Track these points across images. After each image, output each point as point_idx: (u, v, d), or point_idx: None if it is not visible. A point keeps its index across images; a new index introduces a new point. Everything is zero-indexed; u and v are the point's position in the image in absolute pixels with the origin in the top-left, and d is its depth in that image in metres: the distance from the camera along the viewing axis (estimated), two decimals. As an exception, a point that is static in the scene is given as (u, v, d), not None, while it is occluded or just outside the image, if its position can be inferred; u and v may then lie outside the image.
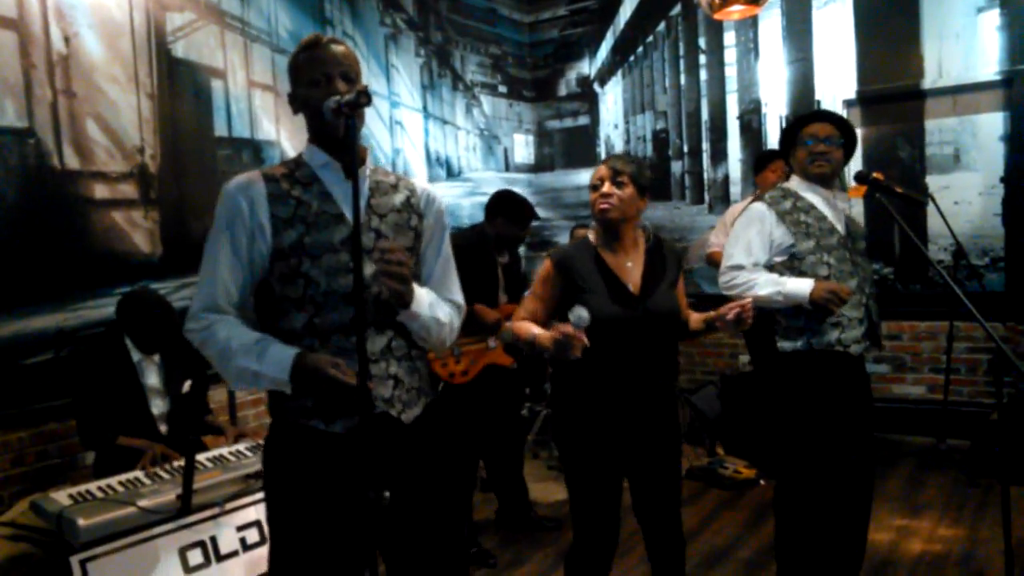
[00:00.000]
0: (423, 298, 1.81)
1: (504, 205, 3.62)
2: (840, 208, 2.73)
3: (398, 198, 1.88)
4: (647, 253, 2.42)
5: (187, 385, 3.18)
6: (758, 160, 4.56)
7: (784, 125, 2.89)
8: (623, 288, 2.32)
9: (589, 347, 2.09)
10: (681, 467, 2.47)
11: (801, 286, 2.55)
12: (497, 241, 3.63)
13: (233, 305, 1.75)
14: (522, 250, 6.44)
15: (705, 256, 4.91)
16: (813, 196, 2.68)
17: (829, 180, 2.71)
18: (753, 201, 2.80)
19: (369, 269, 1.76)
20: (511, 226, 3.60)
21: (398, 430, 1.80)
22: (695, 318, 2.43)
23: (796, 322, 2.60)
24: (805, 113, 2.80)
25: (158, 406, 3.19)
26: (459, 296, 2.01)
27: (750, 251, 2.64)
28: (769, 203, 2.68)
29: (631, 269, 2.37)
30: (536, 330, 2.27)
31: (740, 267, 2.64)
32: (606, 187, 2.34)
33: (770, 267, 2.66)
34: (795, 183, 2.74)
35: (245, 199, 1.74)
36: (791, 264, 2.62)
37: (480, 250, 3.59)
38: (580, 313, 2.07)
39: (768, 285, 2.57)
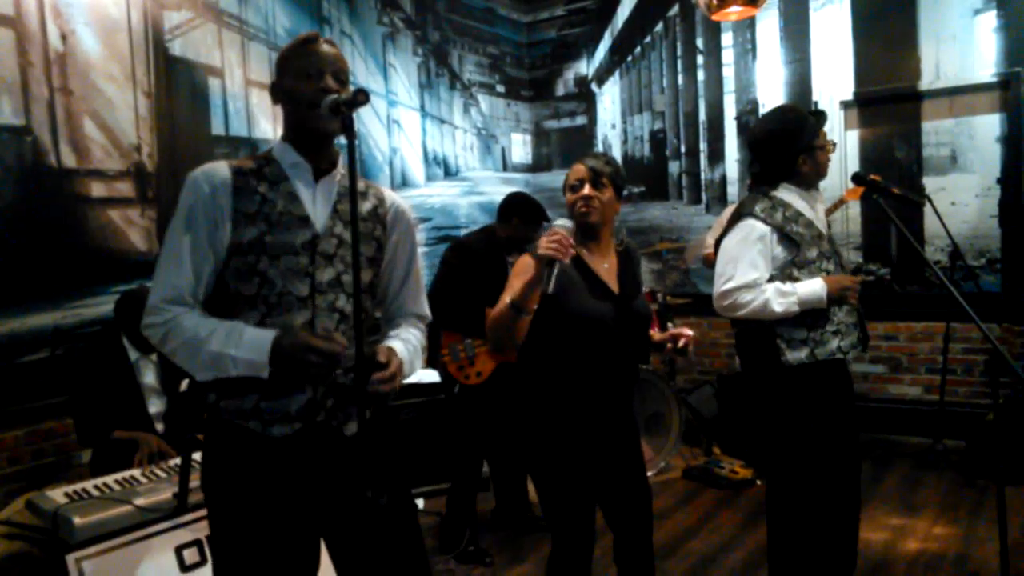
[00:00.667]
0: (407, 366, 1.81)
1: (520, 207, 3.64)
2: (819, 210, 2.69)
3: (365, 206, 1.85)
4: (619, 256, 2.39)
5: (184, 384, 3.18)
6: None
7: (799, 128, 2.71)
8: (604, 287, 2.28)
9: (567, 345, 2.06)
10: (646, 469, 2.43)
11: (813, 288, 2.50)
12: (508, 243, 3.64)
13: (197, 298, 1.69)
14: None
15: (702, 257, 4.91)
16: (799, 202, 2.63)
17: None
18: (741, 211, 2.66)
19: (327, 275, 1.74)
20: (525, 227, 3.62)
21: (338, 441, 1.76)
22: (656, 336, 2.38)
23: (799, 333, 2.55)
24: (813, 114, 2.72)
25: (155, 405, 3.19)
26: (425, 308, 2.00)
27: (755, 268, 2.54)
28: (764, 218, 2.57)
29: (607, 271, 2.34)
30: (507, 296, 2.17)
31: (743, 287, 2.53)
32: (587, 190, 2.28)
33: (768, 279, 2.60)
34: (783, 191, 2.65)
35: (209, 187, 1.68)
36: (790, 275, 2.57)
37: (490, 252, 3.61)
38: (564, 221, 2.09)
39: (781, 300, 2.50)
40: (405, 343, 1.86)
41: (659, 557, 3.54)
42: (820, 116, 2.70)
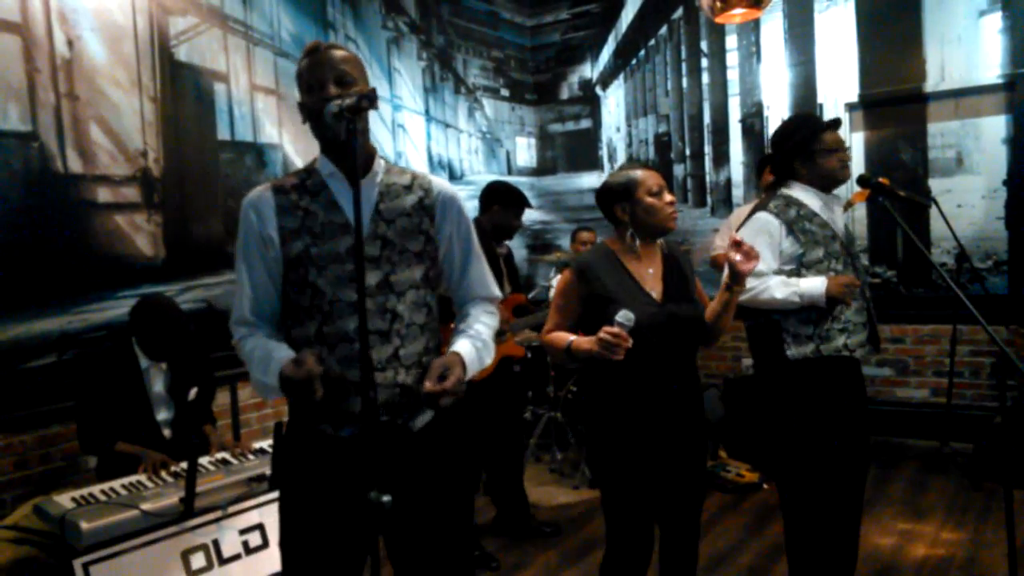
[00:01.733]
0: (471, 363, 1.84)
1: (497, 192, 3.69)
2: (837, 212, 2.72)
3: (410, 200, 1.86)
4: (664, 260, 2.41)
5: (193, 392, 3.18)
6: (761, 163, 4.56)
7: (792, 132, 2.77)
8: (647, 296, 2.30)
9: (627, 358, 2.09)
10: (706, 472, 2.45)
11: (815, 284, 2.54)
12: (494, 232, 3.66)
13: (263, 316, 1.81)
14: (523, 253, 6.48)
15: (709, 259, 4.91)
16: (814, 202, 2.66)
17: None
18: (757, 209, 2.73)
19: (374, 278, 1.77)
20: (506, 213, 3.65)
21: (405, 438, 1.80)
22: (709, 309, 2.38)
23: (806, 329, 2.58)
24: (823, 121, 2.71)
25: (163, 413, 3.19)
26: (494, 288, 2.02)
27: (761, 259, 2.54)
28: (776, 212, 2.63)
29: (652, 276, 2.35)
30: (571, 337, 2.26)
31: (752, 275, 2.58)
32: (670, 196, 2.33)
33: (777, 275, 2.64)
34: (796, 190, 2.69)
35: (255, 212, 1.78)
36: (798, 272, 2.61)
37: (481, 242, 3.62)
38: (626, 314, 2.08)
39: (783, 288, 2.55)
40: (473, 340, 1.89)
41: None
42: (831, 123, 2.70)
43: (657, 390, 2.29)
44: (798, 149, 2.69)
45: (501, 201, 3.65)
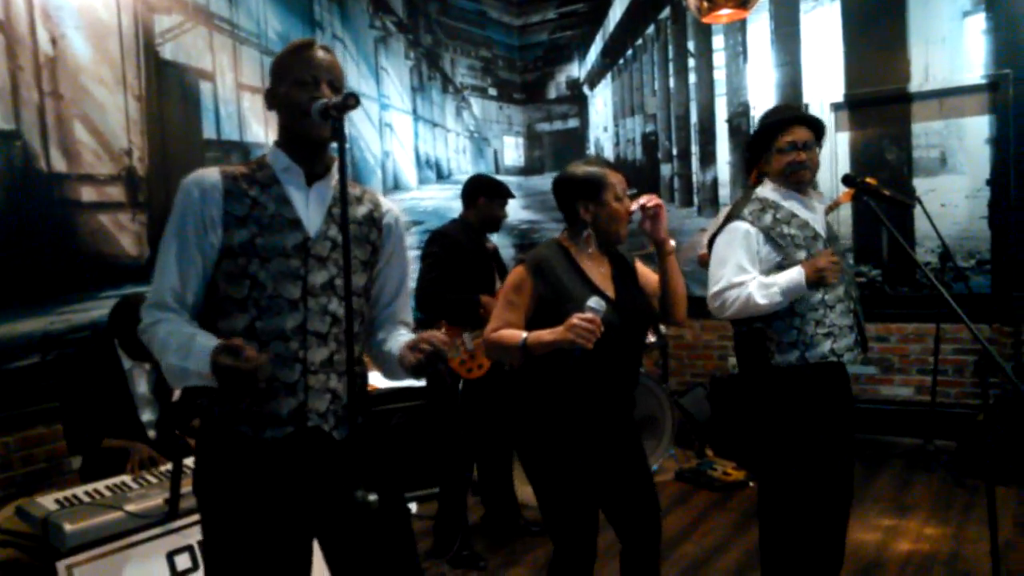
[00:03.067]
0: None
1: (482, 185, 3.72)
2: (818, 210, 2.67)
3: (361, 210, 1.85)
4: (611, 259, 2.40)
5: (178, 392, 3.17)
6: (749, 163, 4.57)
7: (756, 128, 2.75)
8: (602, 294, 2.26)
9: (565, 351, 2.08)
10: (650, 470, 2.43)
11: (792, 276, 2.48)
12: (482, 225, 3.68)
13: (183, 302, 1.70)
14: (511, 252, 6.48)
15: (697, 258, 4.92)
16: (791, 203, 2.61)
17: (808, 185, 2.66)
18: (731, 215, 2.65)
19: (319, 278, 1.73)
20: (492, 204, 3.68)
21: (329, 446, 1.75)
22: (658, 283, 2.39)
23: (789, 336, 2.54)
24: (778, 117, 2.67)
25: (147, 413, 3.17)
26: (410, 316, 2.01)
27: (741, 269, 2.54)
28: (751, 220, 2.57)
29: (603, 275, 2.34)
30: (524, 333, 2.17)
31: (731, 287, 2.53)
32: (629, 203, 2.32)
33: None
34: (769, 190, 2.64)
35: (199, 192, 1.69)
36: None
37: (469, 238, 3.64)
38: (599, 300, 2.07)
39: (764, 292, 2.49)
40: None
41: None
42: (785, 121, 2.63)
43: (609, 389, 2.27)
44: (756, 146, 2.67)
45: (486, 193, 3.67)
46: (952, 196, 4.98)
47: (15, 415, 3.29)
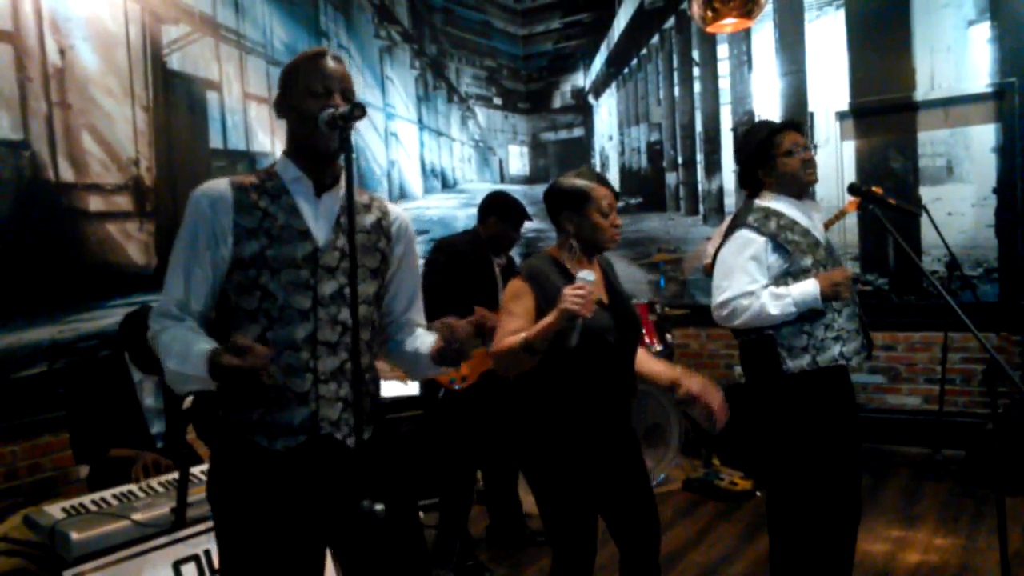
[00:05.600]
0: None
1: (495, 204, 3.66)
2: (815, 218, 2.68)
3: (369, 218, 1.85)
4: (600, 267, 2.43)
5: (188, 401, 3.16)
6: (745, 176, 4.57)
7: (748, 140, 2.75)
8: (599, 303, 2.27)
9: (568, 362, 2.08)
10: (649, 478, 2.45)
11: (806, 288, 2.48)
12: (491, 243, 3.64)
13: (190, 312, 1.70)
14: (516, 260, 6.48)
15: (702, 267, 4.92)
16: (791, 210, 2.62)
17: (807, 192, 2.68)
18: (735, 224, 2.65)
19: (329, 288, 1.74)
20: (503, 224, 3.62)
21: (342, 454, 1.76)
22: (646, 366, 2.46)
23: (799, 340, 2.54)
24: (777, 123, 2.69)
25: (156, 425, 3.17)
26: (423, 319, 2.01)
27: (750, 277, 2.53)
28: (757, 227, 2.57)
29: (596, 281, 2.34)
30: (521, 334, 2.13)
31: (739, 296, 2.52)
32: (617, 220, 2.33)
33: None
34: (770, 199, 2.64)
35: (209, 204, 1.70)
36: (785, 284, 2.56)
37: (475, 252, 3.60)
38: (588, 272, 2.08)
39: (777, 303, 2.49)
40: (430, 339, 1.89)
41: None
42: (784, 124, 2.66)
43: (608, 396, 2.27)
44: (757, 157, 2.65)
45: (498, 213, 3.62)
46: (959, 205, 4.97)
47: (22, 424, 3.29)
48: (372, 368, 1.88)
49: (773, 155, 2.62)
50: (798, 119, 2.74)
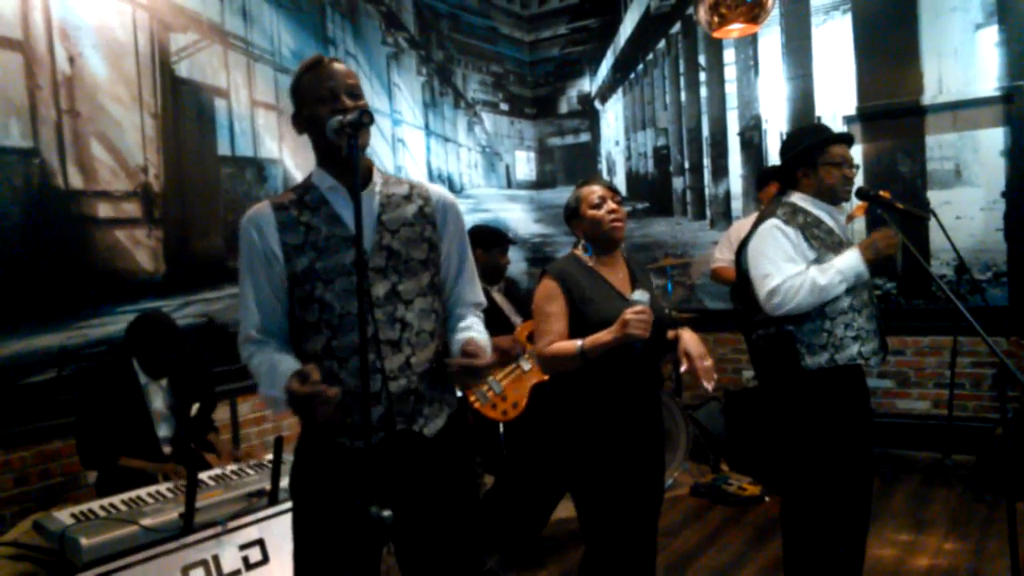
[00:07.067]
0: (486, 348, 1.84)
1: (476, 237, 3.64)
2: (840, 220, 2.71)
3: (411, 209, 1.87)
4: (628, 266, 2.51)
5: (195, 408, 3.18)
6: (762, 176, 4.57)
7: (800, 139, 2.76)
8: (623, 297, 2.36)
9: (601, 360, 2.14)
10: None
11: (849, 258, 2.49)
12: (484, 274, 3.64)
13: (270, 333, 1.80)
14: (523, 266, 6.49)
15: (710, 272, 4.91)
16: (819, 211, 2.65)
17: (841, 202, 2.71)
18: (762, 218, 2.68)
19: (382, 289, 1.77)
20: (489, 254, 3.69)
21: (421, 444, 1.81)
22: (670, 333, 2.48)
23: (818, 339, 2.54)
24: (834, 132, 2.71)
25: (164, 429, 3.18)
26: (480, 296, 2.03)
27: (791, 261, 2.53)
28: (785, 219, 2.60)
29: (622, 279, 2.44)
30: (579, 341, 2.24)
31: (787, 279, 2.49)
32: (613, 204, 2.39)
33: None
34: (798, 198, 2.67)
35: (255, 230, 1.78)
36: None
37: None
38: (643, 292, 2.18)
39: (823, 275, 2.47)
40: (479, 334, 1.90)
41: (668, 574, 3.52)
42: (842, 136, 2.69)
43: (638, 390, 2.33)
44: (803, 157, 2.67)
45: (482, 245, 3.65)
46: (967, 208, 4.95)
47: (32, 429, 3.30)
48: (442, 356, 1.88)
49: (820, 161, 2.64)
50: (851, 134, 2.75)
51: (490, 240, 3.69)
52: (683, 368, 2.38)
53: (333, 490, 1.78)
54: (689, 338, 2.41)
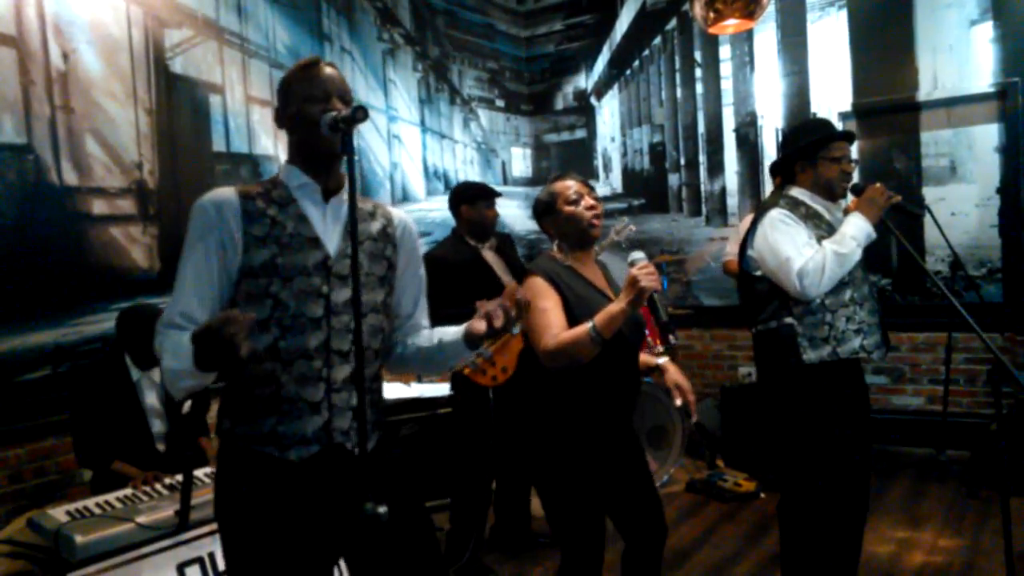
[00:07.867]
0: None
1: (458, 194, 3.68)
2: (837, 216, 2.72)
3: (375, 226, 1.85)
4: (599, 265, 2.46)
5: (187, 405, 3.17)
6: (772, 169, 4.56)
7: (801, 133, 2.78)
8: (604, 296, 2.32)
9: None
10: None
11: (853, 223, 2.53)
12: (474, 232, 3.63)
13: (195, 322, 1.64)
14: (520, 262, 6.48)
15: (722, 265, 4.92)
16: (818, 206, 2.67)
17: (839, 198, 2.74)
18: (762, 210, 2.70)
19: (342, 296, 1.72)
20: (474, 208, 3.62)
21: (352, 463, 1.74)
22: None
23: (821, 331, 2.55)
24: (836, 130, 2.72)
25: (157, 425, 3.17)
26: (428, 321, 2.00)
27: (807, 242, 2.54)
28: (787, 208, 2.62)
29: (600, 279, 2.40)
30: (588, 323, 2.13)
31: (808, 260, 2.50)
32: (591, 200, 2.34)
33: None
34: (798, 192, 2.69)
35: (216, 211, 1.68)
36: None
37: (458, 251, 3.60)
38: (639, 253, 2.15)
39: (838, 245, 2.49)
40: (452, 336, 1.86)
41: (663, 570, 3.53)
42: (844, 134, 2.70)
43: (615, 394, 2.30)
44: (803, 152, 2.68)
45: (466, 199, 3.62)
46: (962, 205, 4.96)
47: (27, 427, 3.30)
48: (379, 377, 1.87)
49: (820, 156, 2.65)
50: (853, 132, 2.77)
51: (475, 194, 3.62)
52: (677, 402, 2.36)
53: (268, 508, 1.67)
54: (675, 371, 2.42)
